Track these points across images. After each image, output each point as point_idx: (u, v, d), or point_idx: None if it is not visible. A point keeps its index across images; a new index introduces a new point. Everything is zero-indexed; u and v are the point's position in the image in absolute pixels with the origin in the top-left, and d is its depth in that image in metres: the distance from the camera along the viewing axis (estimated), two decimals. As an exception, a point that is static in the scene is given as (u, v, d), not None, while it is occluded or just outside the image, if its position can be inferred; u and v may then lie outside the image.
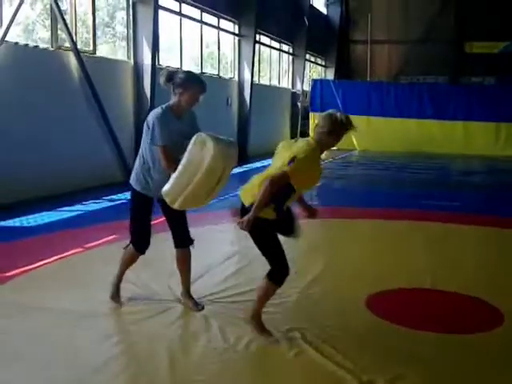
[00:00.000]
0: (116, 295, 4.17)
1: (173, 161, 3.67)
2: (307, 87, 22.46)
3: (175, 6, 12.86)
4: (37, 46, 8.98)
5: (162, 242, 4.53)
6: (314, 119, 21.61)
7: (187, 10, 13.41)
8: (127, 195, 9.13)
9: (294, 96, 21.15)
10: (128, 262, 4.16)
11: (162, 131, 3.71)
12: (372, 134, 20.88)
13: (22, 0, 8.12)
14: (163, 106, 3.87)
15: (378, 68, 25.19)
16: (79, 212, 7.91)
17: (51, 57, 9.07)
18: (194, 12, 13.85)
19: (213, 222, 6.95)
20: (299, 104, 21.17)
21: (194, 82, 3.82)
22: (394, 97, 20.79)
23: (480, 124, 19.67)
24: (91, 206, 8.04)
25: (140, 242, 4.05)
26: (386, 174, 14.21)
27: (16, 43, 8.40)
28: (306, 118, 21.57)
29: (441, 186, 11.96)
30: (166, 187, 3.63)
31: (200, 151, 3.52)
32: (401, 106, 20.49)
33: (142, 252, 4.09)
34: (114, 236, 6.10)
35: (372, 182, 12.39)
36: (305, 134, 21.52)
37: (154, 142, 3.74)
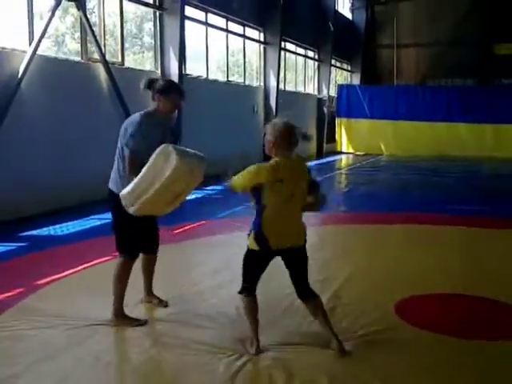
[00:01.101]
0: (124, 314, 4.02)
1: (136, 167, 3.66)
2: (333, 93, 22.42)
3: (201, 16, 13.02)
4: (67, 59, 9.20)
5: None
6: (341, 124, 21.60)
7: (213, 19, 13.56)
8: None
9: (320, 102, 21.12)
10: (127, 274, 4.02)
11: (134, 137, 3.74)
12: (399, 139, 20.76)
13: (53, 14, 8.33)
14: (142, 112, 3.91)
15: (405, 72, 24.98)
16: (107, 220, 8.02)
17: (81, 69, 9.27)
18: (220, 21, 14.00)
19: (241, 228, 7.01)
20: (325, 110, 21.14)
21: (173, 90, 3.90)
22: (422, 100, 20.60)
23: (510, 126, 19.34)
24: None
25: (132, 248, 3.98)
26: (413, 178, 14.05)
27: (47, 56, 8.62)
28: (332, 124, 21.54)
29: (470, 190, 11.78)
30: (124, 191, 3.64)
31: (163, 162, 3.50)
32: (429, 109, 20.29)
33: (136, 257, 4.01)
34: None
35: (399, 187, 12.29)
36: (331, 138, 21.50)
37: (127, 146, 3.76)
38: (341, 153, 21.43)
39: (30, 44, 8.07)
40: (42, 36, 8.16)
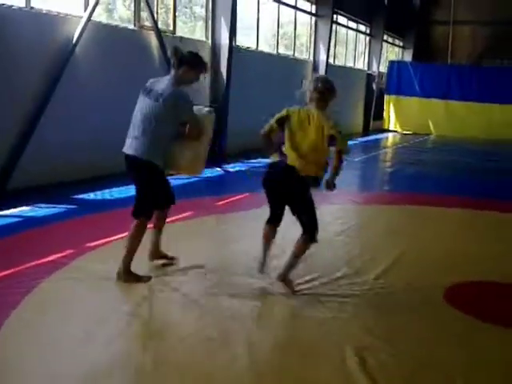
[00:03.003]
0: (132, 274, 4.17)
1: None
2: (383, 69, 21.90)
3: (253, -14, 12.83)
4: (121, 26, 9.24)
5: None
6: (390, 102, 21.13)
7: (265, -11, 13.34)
8: (203, 174, 9.36)
9: (370, 78, 20.68)
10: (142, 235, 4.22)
11: (192, 108, 4.08)
12: (450, 119, 20.21)
13: (108, -20, 8.35)
14: (175, 83, 4.02)
15: (460, 50, 24.10)
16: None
17: (133, 36, 9.30)
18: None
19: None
20: (374, 86, 20.70)
21: (201, 64, 4.13)
22: (476, 81, 19.91)
23: None
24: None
25: (156, 206, 4.28)
26: (464, 160, 13.63)
27: (101, 22, 8.67)
28: (380, 101, 21.10)
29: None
30: (183, 161, 4.16)
31: (205, 123, 4.13)
32: (482, 90, 19.60)
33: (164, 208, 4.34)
34: (190, 212, 6.23)
35: (449, 169, 11.94)
36: (378, 115, 21.08)
37: (188, 115, 4.06)
38: (388, 131, 21.03)
39: (85, 10, 8.13)
40: (97, 2, 8.19)
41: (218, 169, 10.13)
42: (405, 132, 20.72)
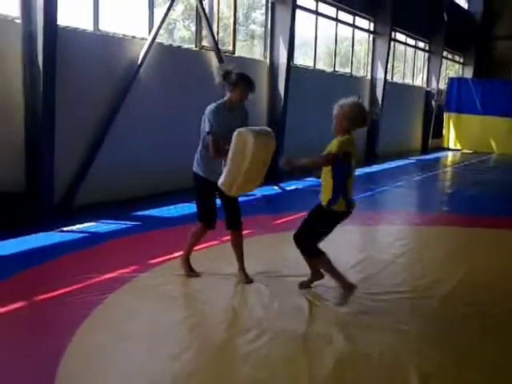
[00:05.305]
0: (190, 269, 4.70)
1: (217, 149, 4.20)
2: (443, 86, 21.47)
3: (312, 5, 12.90)
4: (182, 47, 9.48)
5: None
6: (450, 119, 20.65)
7: (323, 8, 13.39)
8: (260, 192, 9.44)
9: (429, 95, 20.31)
10: (198, 236, 4.67)
11: (213, 122, 4.23)
12: (513, 137, 19.53)
13: (173, 1, 8.59)
14: (218, 101, 4.39)
15: (523, 66, 23.33)
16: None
17: (195, 56, 9.52)
18: (329, 10, 13.79)
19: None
20: (434, 103, 20.31)
21: (243, 83, 4.30)
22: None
23: None
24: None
25: (206, 219, 4.54)
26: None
27: (163, 44, 8.94)
28: (439, 118, 20.67)
29: None
30: (221, 179, 4.14)
31: (243, 145, 3.97)
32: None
33: (209, 227, 4.58)
34: (249, 231, 6.25)
35: (510, 190, 11.51)
36: (437, 133, 20.62)
37: (207, 131, 4.27)
38: (447, 149, 20.53)
39: (149, 32, 8.40)
40: (161, 24, 8.46)
41: (275, 187, 10.17)
42: (465, 151, 20.18)
